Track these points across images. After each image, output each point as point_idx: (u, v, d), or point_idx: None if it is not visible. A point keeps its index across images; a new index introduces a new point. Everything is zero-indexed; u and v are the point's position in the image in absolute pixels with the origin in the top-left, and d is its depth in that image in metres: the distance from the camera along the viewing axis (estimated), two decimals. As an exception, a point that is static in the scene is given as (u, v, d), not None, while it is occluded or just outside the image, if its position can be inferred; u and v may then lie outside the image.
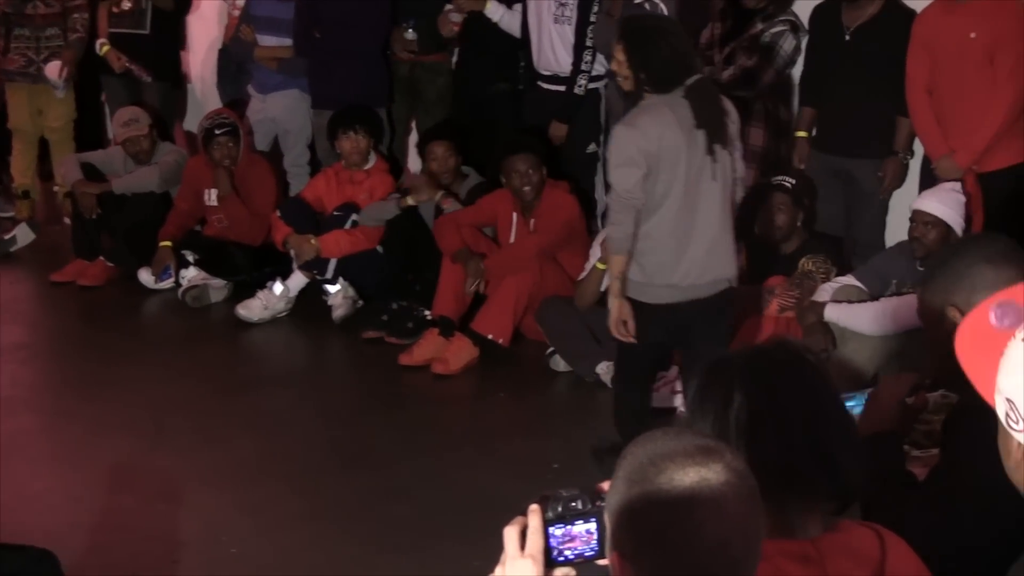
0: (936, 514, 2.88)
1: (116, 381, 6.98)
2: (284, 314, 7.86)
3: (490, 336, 7.07)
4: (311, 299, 7.91)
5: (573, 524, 2.12)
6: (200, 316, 8.02)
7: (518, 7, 7.94)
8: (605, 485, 2.15)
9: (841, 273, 6.52)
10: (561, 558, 2.14)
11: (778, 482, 2.31)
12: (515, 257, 7.23)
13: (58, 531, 5.22)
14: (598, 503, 2.14)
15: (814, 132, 7.25)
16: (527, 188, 7.21)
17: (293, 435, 6.32)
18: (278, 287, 7.83)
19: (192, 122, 9.69)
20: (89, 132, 9.73)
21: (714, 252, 5.38)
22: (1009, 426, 1.86)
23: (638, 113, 5.28)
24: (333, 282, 7.76)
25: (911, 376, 3.26)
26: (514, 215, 7.41)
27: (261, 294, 7.85)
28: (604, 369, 6.77)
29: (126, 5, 9.20)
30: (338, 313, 7.76)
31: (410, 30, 8.20)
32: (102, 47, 9.28)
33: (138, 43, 9.19)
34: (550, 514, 2.12)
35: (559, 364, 7.02)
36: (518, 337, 7.25)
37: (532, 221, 7.33)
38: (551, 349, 7.06)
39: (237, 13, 8.98)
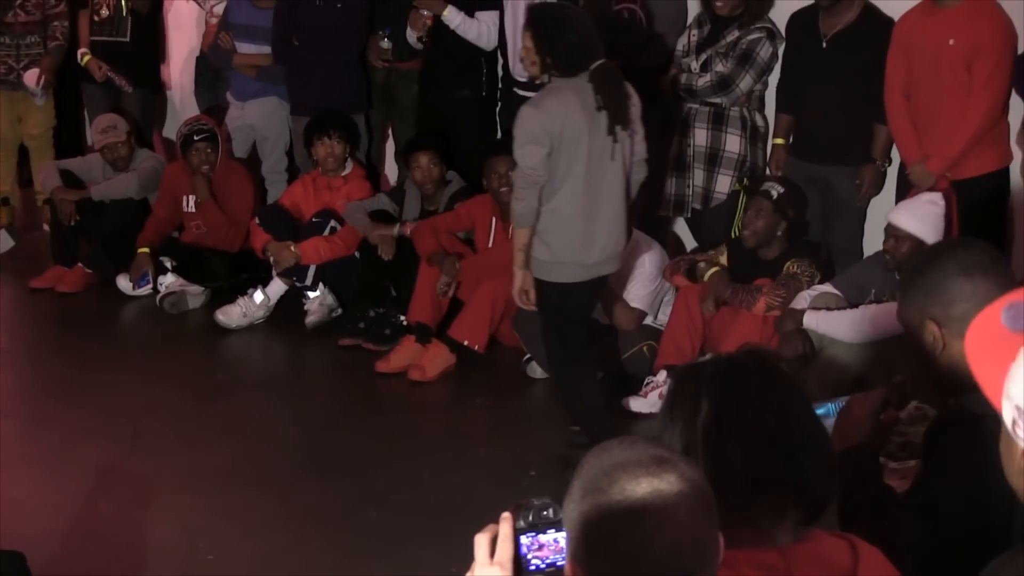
0: (922, 524, 2.87)
1: (94, 387, 6.97)
2: (262, 320, 7.86)
3: (466, 343, 7.08)
4: (289, 305, 7.92)
5: (544, 532, 2.10)
6: (178, 322, 8.02)
7: (481, 15, 7.92)
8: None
9: (824, 279, 6.53)
10: (532, 567, 2.13)
11: (745, 490, 2.33)
12: (492, 262, 7.23)
13: (34, 537, 5.20)
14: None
15: (791, 139, 7.27)
16: (505, 189, 7.23)
17: (270, 441, 6.32)
18: (258, 295, 7.83)
19: (171, 129, 9.69)
20: (68, 139, 9.71)
21: (615, 230, 5.63)
22: (1015, 433, 1.83)
23: (544, 95, 5.49)
24: (313, 288, 7.77)
25: (880, 391, 3.25)
26: (493, 220, 7.42)
27: (241, 301, 7.85)
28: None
29: (105, 12, 9.20)
30: (311, 320, 7.77)
31: (385, 39, 8.21)
32: (83, 57, 9.28)
33: (118, 50, 9.19)
34: (521, 523, 2.11)
35: (536, 371, 7.03)
36: (495, 344, 7.27)
37: (511, 227, 7.33)
38: (528, 356, 7.07)
39: (215, 21, 9.00)
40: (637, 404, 6.59)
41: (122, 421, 6.55)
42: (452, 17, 7.90)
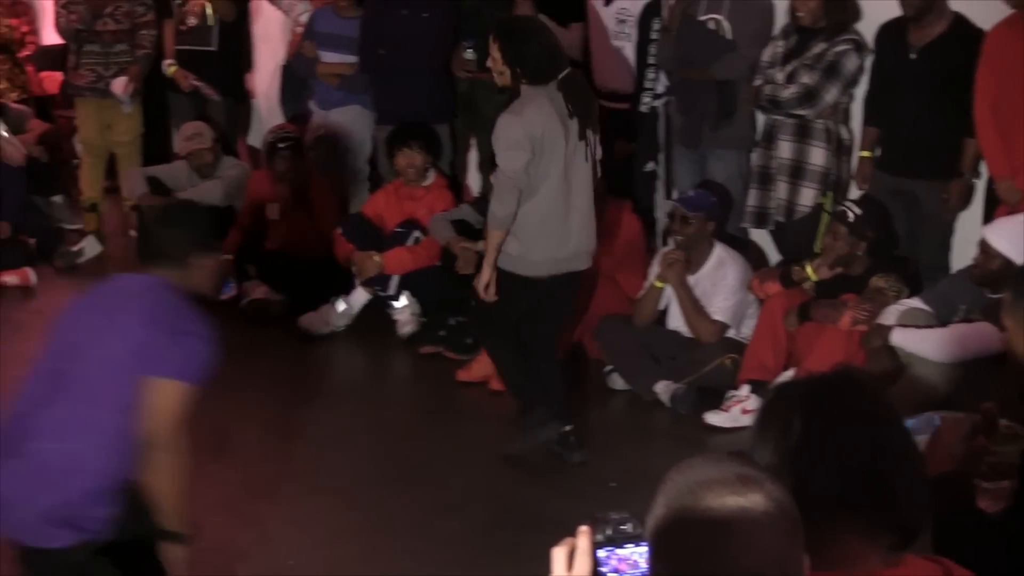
0: (1018, 549, 2.81)
1: (176, 392, 7.01)
2: (344, 329, 7.89)
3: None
4: (371, 314, 7.94)
5: (622, 547, 2.08)
6: (260, 329, 8.06)
7: (573, 27, 7.92)
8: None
9: (912, 294, 6.44)
10: None
11: (835, 513, 2.29)
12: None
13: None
14: None
15: (877, 152, 7.19)
16: None
17: (350, 449, 6.34)
18: (340, 305, 7.85)
19: (256, 137, 9.77)
20: (154, 147, 9.80)
21: (586, 226, 5.98)
22: None
23: (523, 103, 5.74)
24: (395, 298, 7.78)
25: (969, 416, 3.20)
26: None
27: (324, 309, 7.88)
28: (662, 388, 6.77)
29: (192, 22, 9.29)
30: (406, 330, 7.78)
31: (469, 50, 8.22)
32: (169, 67, 9.38)
33: (204, 59, 9.29)
34: (599, 536, 2.09)
35: (617, 382, 7.01)
36: (576, 355, 7.24)
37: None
38: (609, 367, 7.05)
39: (300, 30, 9.06)
40: (718, 418, 6.55)
41: (204, 427, 6.57)
42: None
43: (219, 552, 5.35)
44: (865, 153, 7.21)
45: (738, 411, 6.51)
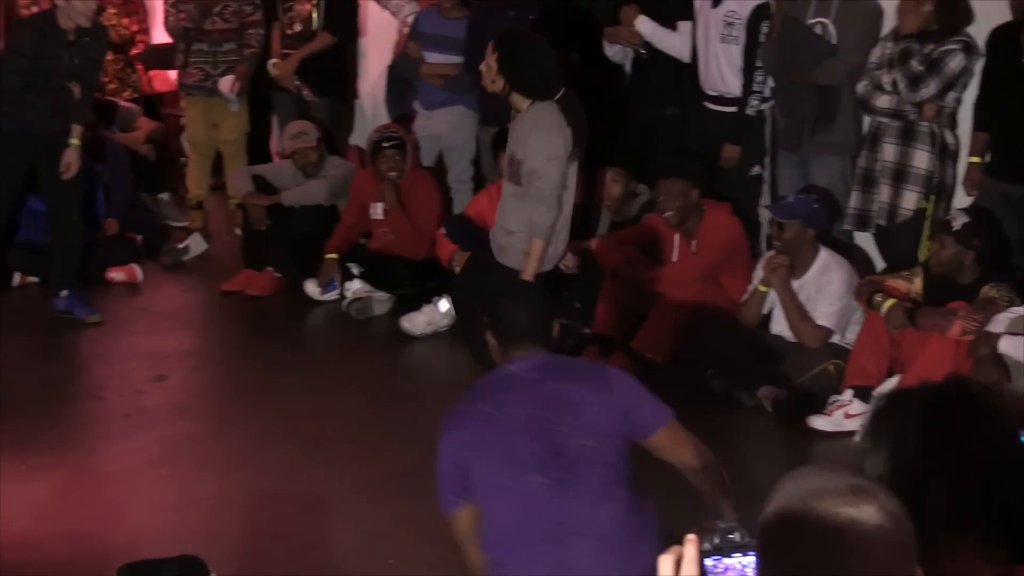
0: None
1: (279, 389, 7.09)
2: (446, 328, 7.92)
3: (649, 355, 7.04)
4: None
5: (729, 556, 2.07)
6: (363, 328, 8.12)
7: (682, 25, 7.89)
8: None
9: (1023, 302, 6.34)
10: None
11: (950, 527, 2.26)
12: (676, 276, 7.21)
13: (218, 535, 5.34)
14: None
15: (987, 158, 7.10)
16: (669, 213, 7.20)
17: (451, 449, 6.35)
18: (443, 304, 7.88)
19: (360, 137, 9.83)
20: (258, 146, 9.90)
21: (567, 228, 6.40)
22: None
23: (548, 116, 6.08)
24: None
25: None
26: (676, 236, 7.37)
27: (426, 309, 7.91)
28: (765, 393, 6.73)
29: (297, 27, 9.38)
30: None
31: (574, 52, 8.21)
32: (273, 67, 9.47)
33: (307, 61, 9.36)
34: (707, 545, 2.08)
35: (718, 386, 6.96)
36: (676, 358, 7.20)
37: (694, 243, 7.29)
38: (710, 370, 7.01)
39: (406, 31, 9.10)
40: (821, 423, 6.50)
41: (306, 424, 6.65)
42: (644, 26, 7.89)
43: (318, 550, 5.41)
44: (974, 159, 7.12)
45: (841, 415, 6.46)
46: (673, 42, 7.93)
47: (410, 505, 5.73)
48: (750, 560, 2.06)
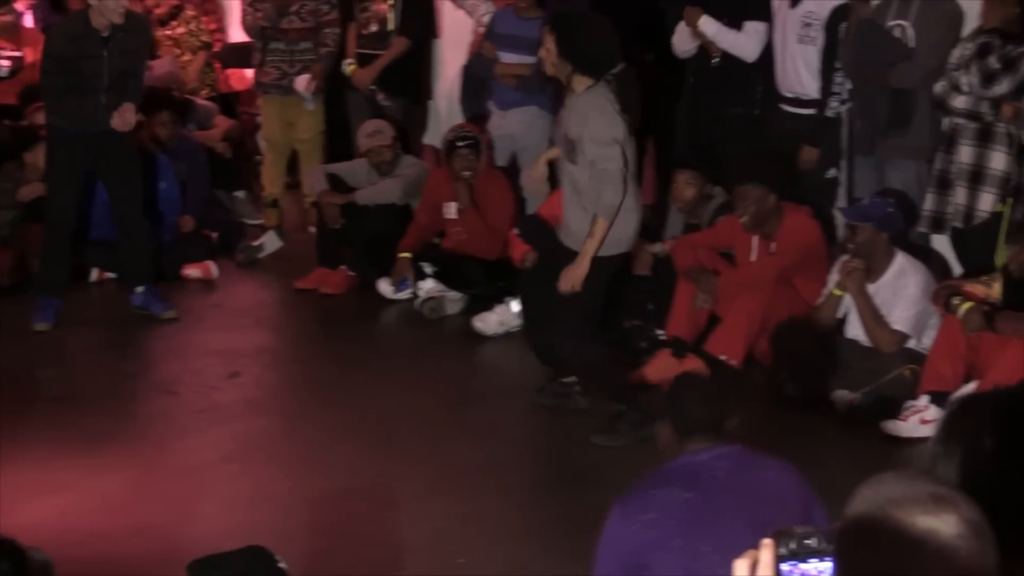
0: None
1: (352, 388, 7.12)
2: (518, 328, 7.91)
3: (723, 357, 7.00)
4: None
5: (806, 562, 2.05)
6: (435, 327, 8.13)
7: (748, 25, 7.85)
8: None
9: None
10: None
11: (1021, 533, 2.21)
12: (752, 276, 7.16)
13: (289, 532, 5.36)
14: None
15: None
16: (745, 218, 7.15)
17: (521, 449, 6.37)
18: (516, 304, 7.87)
19: (433, 137, 9.85)
20: (335, 145, 9.93)
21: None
22: None
23: (602, 102, 6.07)
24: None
25: None
26: (754, 238, 7.33)
27: (498, 309, 7.92)
28: (839, 397, 6.67)
29: (373, 28, 9.40)
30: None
31: (648, 53, 8.19)
32: (348, 66, 9.50)
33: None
34: (783, 550, 2.06)
35: (792, 390, 6.91)
36: (751, 359, 7.16)
37: (773, 244, 7.25)
38: (784, 374, 6.96)
39: (482, 31, 9.11)
40: (897, 428, 6.44)
41: (377, 422, 6.67)
42: (707, 26, 7.85)
43: (388, 548, 5.42)
44: (1054, 161, 7.03)
45: (916, 421, 6.39)
46: (737, 41, 7.89)
47: (481, 504, 5.75)
48: (827, 566, 2.04)
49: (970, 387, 6.28)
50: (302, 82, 9.41)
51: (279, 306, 8.69)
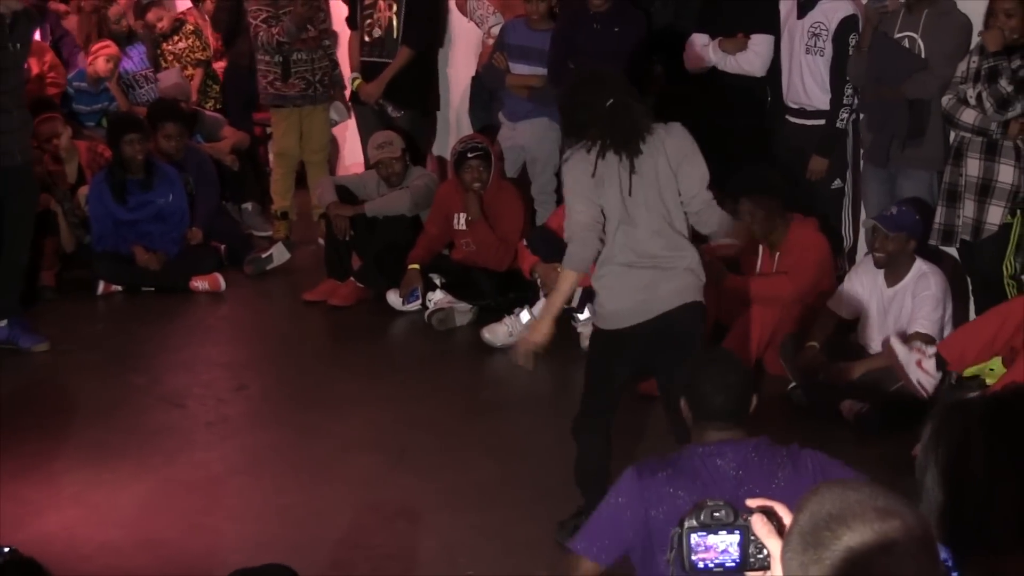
0: None
1: (362, 399, 7.11)
2: (527, 339, 7.90)
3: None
4: (555, 324, 7.89)
5: (715, 534, 2.16)
6: (445, 339, 8.12)
7: (754, 39, 7.85)
8: (752, 502, 2.20)
9: None
10: (699, 565, 2.18)
11: (1014, 536, 2.22)
12: (768, 292, 7.14)
13: (301, 544, 5.36)
14: (744, 516, 2.18)
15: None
16: (754, 227, 7.15)
17: (533, 460, 6.34)
18: (525, 315, 7.86)
19: (443, 148, 9.84)
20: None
21: None
22: None
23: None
24: (579, 310, 7.76)
25: None
26: (760, 247, 7.32)
27: (507, 320, 7.91)
28: (847, 407, 6.66)
29: (377, 33, 9.39)
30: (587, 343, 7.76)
31: (658, 64, 8.19)
32: (354, 81, 9.50)
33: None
34: (693, 522, 2.17)
35: (800, 398, 6.90)
36: (759, 371, 7.15)
37: (777, 255, 7.24)
38: (792, 384, 6.95)
39: (491, 41, 9.11)
40: (896, 348, 6.53)
41: (388, 434, 6.66)
42: (714, 55, 7.91)
43: (399, 561, 5.42)
44: (1063, 173, 7.02)
45: (916, 357, 6.51)
46: (744, 62, 7.93)
47: (492, 516, 5.74)
48: (734, 539, 2.15)
49: (972, 397, 6.28)
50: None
51: (287, 318, 8.67)
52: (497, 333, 7.89)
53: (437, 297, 8.29)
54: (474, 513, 5.77)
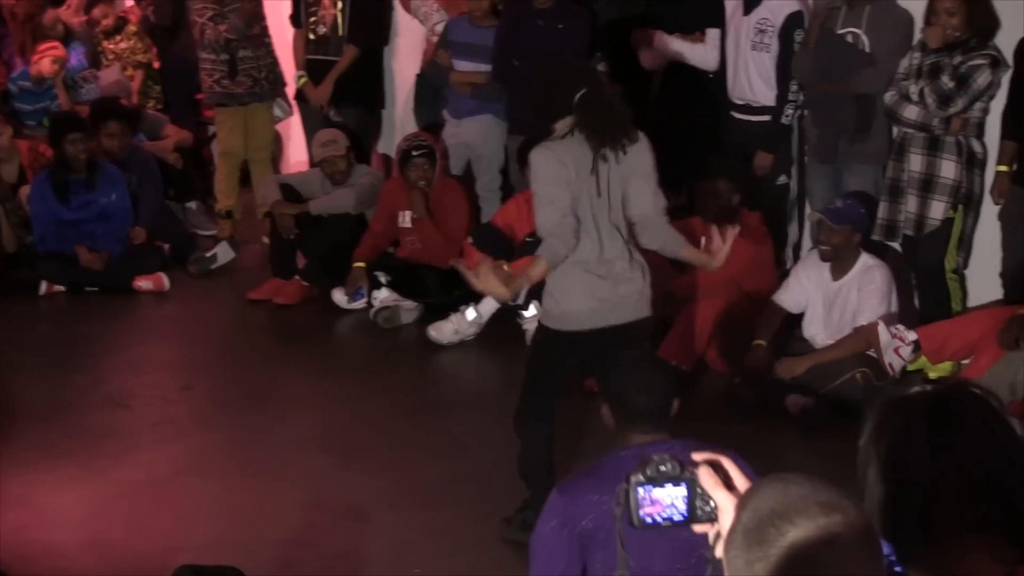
0: None
1: (308, 398, 7.10)
2: (473, 337, 7.91)
3: (674, 363, 7.00)
4: (501, 322, 7.94)
5: (661, 487, 2.16)
6: (391, 337, 8.12)
7: (708, 33, 7.90)
8: (698, 456, 2.21)
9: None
10: (647, 520, 2.17)
11: (959, 527, 2.24)
12: (704, 283, 7.17)
13: (251, 544, 5.35)
14: (690, 468, 2.18)
15: (1015, 167, 7.07)
16: (709, 212, 7.19)
17: (480, 458, 6.34)
18: (471, 313, 7.87)
19: (388, 146, 9.83)
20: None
21: None
22: None
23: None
24: (525, 307, 7.78)
25: None
26: (703, 240, 7.34)
27: (453, 318, 7.91)
28: (791, 402, 6.71)
29: (322, 30, 9.38)
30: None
31: (602, 62, 8.22)
32: (299, 79, 9.48)
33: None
34: (639, 476, 2.16)
35: (746, 395, 6.94)
36: (701, 366, 7.19)
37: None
38: (738, 379, 6.99)
39: (435, 39, 9.11)
40: (882, 335, 6.61)
41: (335, 433, 6.65)
42: (674, 44, 7.95)
43: (348, 559, 5.41)
44: (1003, 168, 7.10)
45: (894, 343, 6.59)
46: (701, 53, 7.94)
47: (439, 515, 5.74)
48: (680, 491, 2.15)
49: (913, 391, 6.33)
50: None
51: (233, 317, 8.64)
52: (443, 331, 7.89)
53: (383, 295, 8.29)
54: (422, 511, 5.76)
